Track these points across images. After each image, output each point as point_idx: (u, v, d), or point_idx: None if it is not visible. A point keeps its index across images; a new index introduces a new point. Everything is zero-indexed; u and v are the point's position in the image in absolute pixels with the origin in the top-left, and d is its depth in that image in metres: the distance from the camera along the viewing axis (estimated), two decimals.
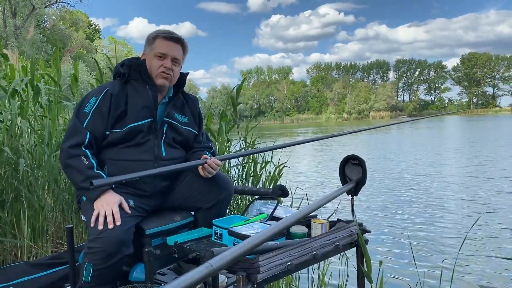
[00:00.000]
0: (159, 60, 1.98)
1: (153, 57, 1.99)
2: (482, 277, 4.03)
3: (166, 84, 2.01)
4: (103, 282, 1.70)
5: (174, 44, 2.01)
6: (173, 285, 0.84)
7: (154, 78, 1.99)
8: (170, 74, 1.99)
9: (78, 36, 43.73)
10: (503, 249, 4.83)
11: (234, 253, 1.05)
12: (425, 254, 4.71)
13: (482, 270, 4.23)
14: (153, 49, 1.99)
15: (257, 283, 1.41)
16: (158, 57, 1.98)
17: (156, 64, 1.97)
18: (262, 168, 3.85)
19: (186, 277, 0.87)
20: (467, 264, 4.39)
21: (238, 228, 1.70)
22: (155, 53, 1.98)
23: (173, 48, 2.00)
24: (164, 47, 1.98)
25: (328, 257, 1.75)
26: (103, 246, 1.63)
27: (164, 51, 1.98)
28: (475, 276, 4.07)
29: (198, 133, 2.18)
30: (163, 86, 2.01)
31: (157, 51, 1.98)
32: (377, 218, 6.42)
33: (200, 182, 1.99)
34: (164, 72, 1.97)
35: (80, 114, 1.90)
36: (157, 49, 1.98)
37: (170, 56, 1.99)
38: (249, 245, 1.11)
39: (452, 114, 35.87)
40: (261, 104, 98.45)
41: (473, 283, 3.90)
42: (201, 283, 1.75)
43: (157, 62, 1.98)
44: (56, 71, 3.44)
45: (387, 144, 20.72)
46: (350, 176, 2.10)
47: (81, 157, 1.80)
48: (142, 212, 1.88)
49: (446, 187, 8.92)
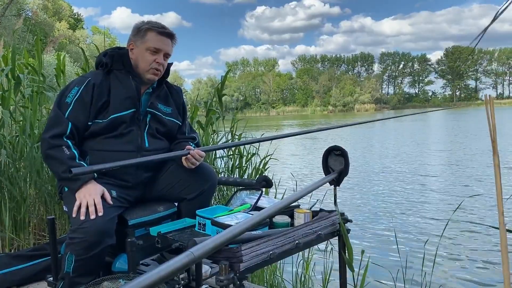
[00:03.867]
0: (151, 54, 1.95)
1: (144, 50, 1.95)
2: (462, 263, 4.19)
3: (155, 79, 2.00)
4: (85, 273, 1.69)
5: (166, 39, 1.99)
6: (155, 272, 0.84)
7: (144, 73, 1.96)
8: (161, 69, 1.99)
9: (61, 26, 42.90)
10: (482, 235, 4.98)
11: (216, 241, 1.05)
12: (407, 241, 4.85)
13: (461, 254, 4.42)
14: (145, 42, 1.95)
15: (239, 272, 1.42)
16: (151, 52, 1.95)
17: (149, 59, 1.95)
18: (248, 161, 3.85)
19: (167, 264, 0.87)
20: (448, 249, 4.55)
21: (221, 218, 1.71)
22: (148, 47, 1.95)
23: (166, 43, 1.99)
24: (158, 42, 1.95)
25: (310, 246, 1.77)
26: (85, 236, 1.62)
27: (158, 46, 1.95)
28: (457, 262, 4.22)
29: (182, 124, 2.17)
30: (152, 81, 2.00)
31: (151, 45, 1.94)
32: (359, 208, 6.54)
33: (184, 172, 1.99)
34: (156, 68, 1.96)
35: (62, 104, 1.87)
36: (150, 43, 1.95)
37: (163, 51, 1.97)
38: (230, 233, 1.12)
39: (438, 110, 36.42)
40: (247, 96, 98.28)
41: (455, 268, 4.05)
42: (185, 273, 1.76)
43: (149, 56, 1.95)
44: (38, 61, 3.38)
45: (371, 136, 20.93)
46: (333, 167, 2.12)
47: (63, 147, 1.78)
48: (125, 203, 1.88)
49: (426, 176, 9.17)
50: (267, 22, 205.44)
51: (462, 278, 3.84)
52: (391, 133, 22.72)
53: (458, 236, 4.97)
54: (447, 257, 4.34)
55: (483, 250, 4.51)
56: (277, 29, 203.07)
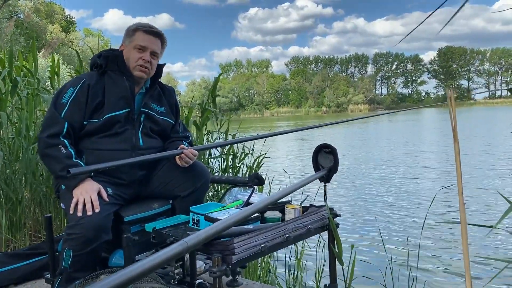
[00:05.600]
0: (138, 52, 2.01)
1: (132, 49, 2.02)
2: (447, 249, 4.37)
3: (143, 77, 2.05)
4: (83, 268, 1.74)
5: (153, 38, 2.05)
6: (150, 259, 0.89)
7: (132, 70, 2.02)
8: (148, 67, 2.03)
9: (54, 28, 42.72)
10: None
11: (208, 232, 1.10)
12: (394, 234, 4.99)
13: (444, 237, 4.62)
14: (133, 41, 2.03)
15: (232, 264, 1.48)
16: (138, 50, 2.02)
17: (135, 56, 2.01)
18: (242, 160, 3.90)
19: (162, 252, 0.92)
20: (430, 238, 4.72)
21: (214, 213, 1.76)
22: (135, 45, 2.02)
23: (153, 42, 2.05)
24: (144, 40, 2.02)
25: (300, 239, 1.83)
26: (82, 231, 1.68)
27: (144, 44, 2.02)
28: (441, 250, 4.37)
29: (175, 123, 2.23)
30: (141, 78, 2.06)
31: (137, 43, 2.02)
32: (348, 204, 6.74)
33: (177, 171, 2.04)
34: (142, 65, 2.01)
35: (58, 104, 1.92)
36: (137, 41, 2.02)
37: (149, 49, 2.03)
38: (222, 225, 1.17)
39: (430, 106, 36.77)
40: (241, 97, 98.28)
41: (440, 257, 4.20)
42: (180, 269, 1.82)
43: (136, 54, 2.01)
44: (33, 63, 3.41)
45: (362, 135, 21.11)
46: (323, 164, 2.18)
47: (60, 146, 1.83)
48: (120, 200, 1.93)
49: (412, 173, 9.50)
50: (260, 23, 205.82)
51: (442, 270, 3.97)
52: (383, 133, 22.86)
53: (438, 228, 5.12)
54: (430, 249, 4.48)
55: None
56: (270, 30, 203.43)
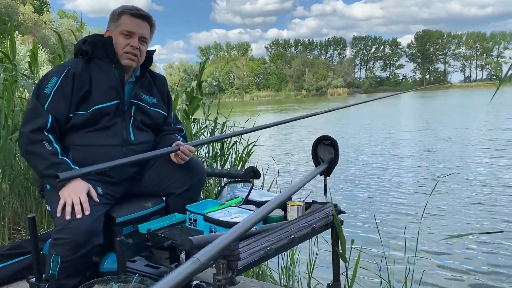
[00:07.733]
0: (125, 38, 1.84)
1: (118, 34, 1.85)
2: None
3: (132, 65, 1.88)
4: (72, 275, 1.61)
5: (141, 21, 1.87)
6: (161, 284, 0.79)
7: (119, 58, 1.85)
8: (136, 53, 1.86)
9: (26, 9, 41.23)
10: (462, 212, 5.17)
11: (220, 244, 1.00)
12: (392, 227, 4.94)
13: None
14: (119, 26, 1.85)
15: (237, 271, 1.37)
16: (124, 35, 1.84)
17: (122, 43, 1.84)
18: (231, 148, 3.79)
19: (173, 275, 0.82)
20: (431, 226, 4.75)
21: (213, 213, 1.65)
22: (121, 31, 1.84)
23: (141, 26, 1.87)
24: (131, 25, 1.84)
25: (305, 239, 1.73)
26: (72, 236, 1.54)
27: (131, 29, 1.84)
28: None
29: (168, 114, 2.08)
30: (129, 67, 1.89)
31: (123, 28, 1.84)
32: (348, 197, 6.64)
33: (171, 166, 1.91)
34: (130, 52, 1.84)
35: (40, 95, 1.75)
36: (123, 26, 1.84)
37: (137, 34, 1.85)
38: (235, 234, 1.07)
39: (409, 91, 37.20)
40: (220, 81, 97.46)
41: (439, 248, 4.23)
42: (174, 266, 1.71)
43: (123, 40, 1.84)
44: (11, 47, 3.18)
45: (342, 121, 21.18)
46: (323, 157, 2.09)
47: (44, 142, 1.67)
48: (111, 199, 1.79)
49: (404, 159, 9.57)
50: (238, 5, 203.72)
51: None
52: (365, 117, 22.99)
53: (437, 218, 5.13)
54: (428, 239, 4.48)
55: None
56: (249, 12, 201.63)
